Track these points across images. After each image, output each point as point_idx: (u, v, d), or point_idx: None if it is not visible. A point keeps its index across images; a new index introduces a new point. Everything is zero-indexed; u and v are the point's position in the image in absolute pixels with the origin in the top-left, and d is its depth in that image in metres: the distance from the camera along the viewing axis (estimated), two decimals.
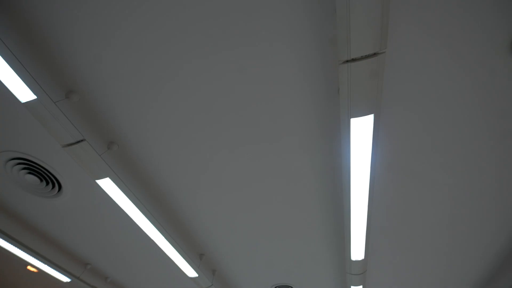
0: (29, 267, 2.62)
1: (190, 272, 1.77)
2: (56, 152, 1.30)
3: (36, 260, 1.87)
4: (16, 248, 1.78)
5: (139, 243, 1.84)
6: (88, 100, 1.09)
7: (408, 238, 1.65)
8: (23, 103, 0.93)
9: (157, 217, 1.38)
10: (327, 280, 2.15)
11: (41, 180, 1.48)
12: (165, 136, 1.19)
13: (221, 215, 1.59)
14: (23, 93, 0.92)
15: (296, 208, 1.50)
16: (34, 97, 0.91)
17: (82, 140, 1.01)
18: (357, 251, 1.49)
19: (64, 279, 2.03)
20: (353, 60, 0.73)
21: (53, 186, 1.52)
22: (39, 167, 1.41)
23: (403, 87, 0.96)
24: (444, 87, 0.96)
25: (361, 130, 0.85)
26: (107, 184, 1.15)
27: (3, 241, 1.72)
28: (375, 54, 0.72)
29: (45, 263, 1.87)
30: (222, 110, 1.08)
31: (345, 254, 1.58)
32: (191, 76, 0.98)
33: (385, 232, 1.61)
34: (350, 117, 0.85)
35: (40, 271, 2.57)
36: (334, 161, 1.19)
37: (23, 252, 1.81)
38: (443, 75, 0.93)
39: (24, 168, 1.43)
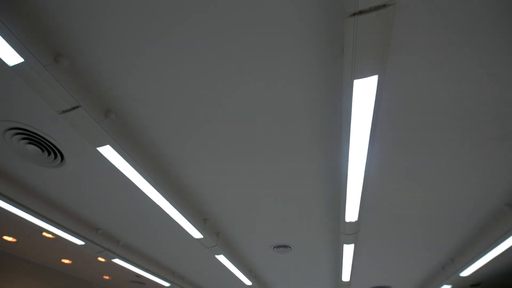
0: (44, 234, 2.80)
1: (196, 234, 1.92)
2: (54, 122, 1.29)
3: (51, 226, 2.00)
4: (31, 216, 1.88)
5: (146, 209, 1.94)
6: (79, 65, 1.03)
7: (401, 201, 1.75)
8: (11, 66, 0.88)
9: (160, 184, 1.44)
10: (322, 240, 2.34)
11: (43, 151, 1.49)
12: (164, 103, 1.17)
13: (222, 182, 1.65)
14: (9, 55, 0.87)
15: (295, 175, 1.56)
16: (21, 59, 0.86)
17: (77, 107, 0.99)
18: (351, 214, 1.60)
19: (79, 242, 2.19)
20: (361, 12, 0.68)
21: (55, 156, 1.53)
22: (39, 137, 1.40)
23: (412, 43, 0.91)
24: (455, 50, 0.91)
25: (364, 92, 0.84)
26: (108, 152, 1.16)
27: (18, 210, 1.81)
28: (384, 6, 0.67)
29: (59, 228, 1.99)
30: (219, 76, 1.04)
31: (340, 216, 1.70)
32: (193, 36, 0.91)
33: (379, 195, 1.70)
34: (354, 79, 0.82)
35: (56, 237, 2.77)
36: (335, 125, 1.19)
37: (38, 219, 1.93)
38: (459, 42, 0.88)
39: (23, 139, 1.43)
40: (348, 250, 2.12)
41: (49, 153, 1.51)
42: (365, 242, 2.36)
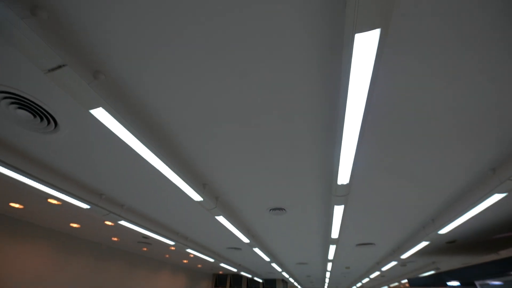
0: (49, 200, 2.92)
1: (196, 197, 2.02)
2: (43, 85, 1.23)
3: (54, 191, 2.07)
4: (33, 181, 1.93)
5: (147, 173, 2.00)
6: (60, 19, 0.95)
7: (390, 163, 1.82)
8: None
9: (156, 147, 1.46)
10: (314, 202, 2.50)
11: (34, 116, 1.46)
12: (158, 65, 1.11)
13: (220, 148, 1.68)
14: None
15: (292, 140, 1.58)
16: None
17: (63, 65, 0.94)
18: (343, 176, 1.68)
19: (84, 206, 2.30)
20: None
21: (48, 122, 1.51)
22: (29, 102, 1.36)
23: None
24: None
25: (365, 46, 0.80)
26: (101, 114, 1.15)
27: (20, 176, 1.85)
28: None
29: (62, 193, 2.07)
30: (216, 27, 0.97)
31: (333, 180, 1.79)
32: None
33: (370, 158, 1.76)
34: (355, 32, 0.78)
35: (62, 203, 2.90)
36: (333, 83, 1.17)
37: (41, 185, 1.98)
38: None
39: (13, 103, 1.38)
40: (338, 211, 2.29)
41: (41, 119, 1.48)
42: (353, 204, 2.53)
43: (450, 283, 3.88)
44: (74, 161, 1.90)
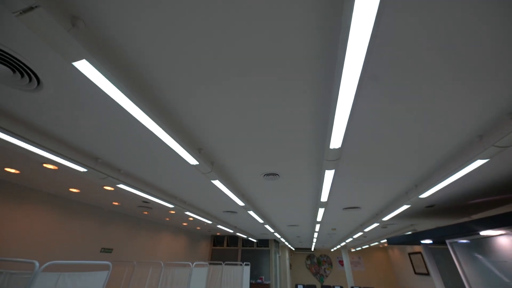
0: (44, 165, 2.94)
1: (192, 160, 2.06)
2: (21, 37, 1.12)
3: (48, 153, 2.06)
4: (25, 143, 1.90)
5: (141, 137, 2.00)
6: None
7: (381, 130, 1.86)
8: None
9: (149, 107, 1.42)
10: (306, 168, 2.60)
11: (14, 71, 1.36)
12: (148, 17, 1.01)
13: (215, 113, 1.65)
14: None
15: (285, 103, 1.56)
16: None
17: (36, 7, 0.84)
18: (336, 140, 1.71)
19: (81, 169, 2.33)
20: None
21: (30, 79, 1.42)
22: (6, 54, 1.25)
23: None
24: None
25: None
26: (86, 68, 1.07)
27: (11, 138, 1.81)
28: None
29: (55, 155, 2.07)
30: None
31: (325, 144, 1.83)
32: None
33: (363, 121, 1.78)
34: None
35: (58, 168, 2.93)
36: (330, 43, 1.11)
37: (33, 147, 1.96)
38: None
39: None
40: (329, 175, 2.40)
41: (22, 75, 1.39)
42: (343, 169, 2.64)
43: (423, 241, 4.34)
44: (65, 123, 1.86)
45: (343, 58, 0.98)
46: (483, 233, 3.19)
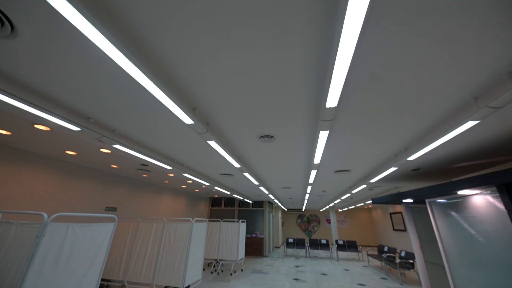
0: (36, 126, 2.87)
1: (187, 120, 2.04)
2: None
3: (41, 112, 2.00)
4: (11, 99, 1.82)
5: (133, 94, 1.92)
6: None
7: (376, 89, 1.83)
8: None
9: (141, 61, 1.33)
10: (301, 129, 2.62)
11: None
12: None
13: (209, 72, 1.56)
14: None
15: (279, 61, 1.48)
16: None
17: None
18: (332, 99, 1.69)
19: (74, 128, 2.30)
20: None
21: (2, 23, 1.28)
22: None
23: None
24: None
25: None
26: (65, 9, 0.95)
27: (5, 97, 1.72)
28: None
29: (48, 114, 2.01)
30: None
31: (321, 103, 1.81)
32: None
33: (359, 80, 1.75)
34: None
35: (51, 129, 2.88)
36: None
37: (20, 103, 1.88)
38: None
39: None
40: (323, 137, 2.45)
41: None
42: (337, 131, 2.69)
43: (405, 200, 4.74)
44: (50, 79, 1.75)
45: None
46: (460, 192, 3.48)
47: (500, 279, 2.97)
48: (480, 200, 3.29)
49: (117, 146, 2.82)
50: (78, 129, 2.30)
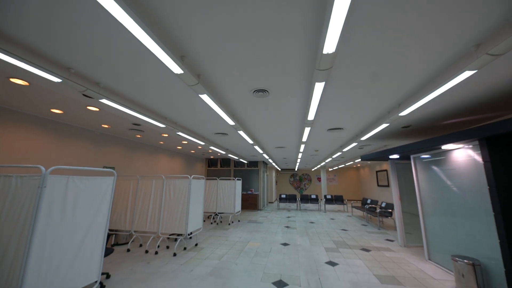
0: (12, 80, 2.66)
1: (175, 68, 1.91)
2: None
3: (16, 60, 1.82)
4: None
5: (115, 38, 1.74)
6: None
7: (375, 37, 1.71)
8: None
9: None
10: (295, 81, 2.54)
11: None
12: None
13: (200, 16, 1.38)
14: None
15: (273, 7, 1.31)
16: None
17: None
18: (330, 45, 1.59)
19: (55, 79, 2.14)
20: None
21: None
22: None
23: None
24: None
25: None
26: None
27: None
28: None
29: (24, 62, 1.84)
30: None
31: (318, 49, 1.70)
32: None
33: (361, 22, 1.62)
34: None
35: (29, 83, 2.67)
36: None
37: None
38: None
39: None
40: (318, 89, 2.39)
41: None
42: (332, 86, 2.62)
43: (392, 156, 5.01)
44: (22, 23, 1.53)
45: None
46: (444, 146, 3.68)
47: (465, 222, 3.41)
48: (461, 154, 3.51)
49: (104, 101, 2.70)
50: (59, 80, 2.15)
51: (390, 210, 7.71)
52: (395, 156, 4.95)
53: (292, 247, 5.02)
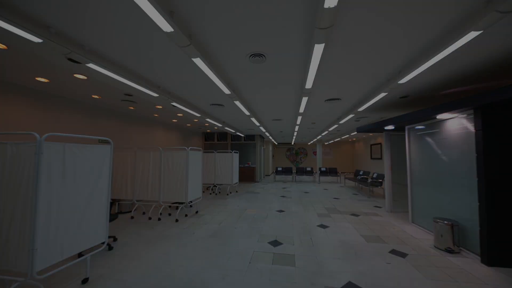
0: None
1: (164, 25, 1.77)
2: None
3: None
4: None
5: None
6: None
7: None
8: None
9: None
10: (294, 45, 2.41)
11: None
12: None
13: None
14: None
15: None
16: None
17: None
18: None
19: (35, 39, 1.98)
20: None
21: None
22: None
23: None
24: None
25: None
26: None
27: None
28: None
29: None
30: None
31: (319, 3, 1.58)
32: None
33: None
34: None
35: (8, 46, 2.47)
36: None
37: None
38: None
39: None
40: (317, 53, 2.29)
41: None
42: (332, 51, 2.49)
43: (387, 127, 5.06)
44: None
45: None
46: (439, 116, 3.71)
47: (450, 189, 3.62)
48: (454, 124, 3.56)
49: (91, 66, 2.55)
50: (39, 40, 1.99)
51: (380, 180, 8.09)
52: (391, 127, 5.00)
53: (287, 213, 5.34)
